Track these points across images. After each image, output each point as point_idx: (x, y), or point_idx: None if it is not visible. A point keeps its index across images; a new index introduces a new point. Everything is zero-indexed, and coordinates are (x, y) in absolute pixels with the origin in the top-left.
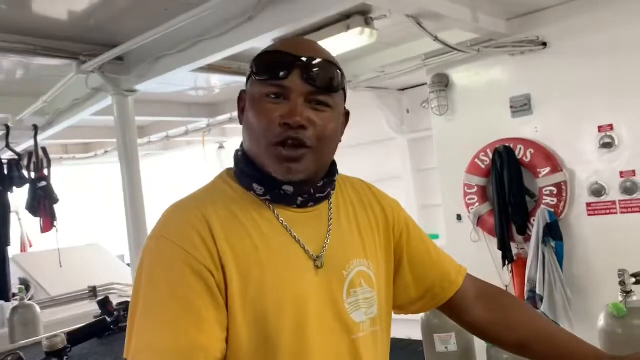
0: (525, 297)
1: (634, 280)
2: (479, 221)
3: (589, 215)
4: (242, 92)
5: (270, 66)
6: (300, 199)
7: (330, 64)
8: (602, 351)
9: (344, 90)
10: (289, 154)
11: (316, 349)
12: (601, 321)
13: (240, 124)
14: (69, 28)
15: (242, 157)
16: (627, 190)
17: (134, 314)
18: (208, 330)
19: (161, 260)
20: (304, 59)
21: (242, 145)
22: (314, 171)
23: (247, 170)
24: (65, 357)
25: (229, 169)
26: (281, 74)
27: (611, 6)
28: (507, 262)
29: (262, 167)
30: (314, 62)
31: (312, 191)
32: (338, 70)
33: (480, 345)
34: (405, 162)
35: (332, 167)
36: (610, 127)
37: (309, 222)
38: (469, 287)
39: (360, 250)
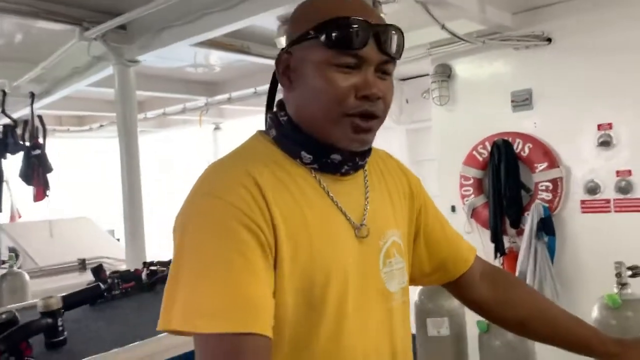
0: None
1: (630, 273)
2: (473, 213)
3: (583, 212)
4: (285, 52)
5: (345, 35)
6: (346, 167)
7: (400, 31)
8: (603, 333)
9: None
10: (366, 125)
11: (357, 317)
12: (595, 312)
13: (284, 88)
14: None
15: (287, 123)
16: (622, 189)
17: (176, 278)
18: (266, 288)
19: (209, 219)
20: (379, 26)
21: (281, 108)
22: None
23: (294, 136)
24: (59, 319)
25: (261, 132)
26: (359, 43)
27: (617, 7)
28: (499, 255)
29: (320, 137)
30: (388, 30)
31: (356, 159)
32: (403, 36)
33: (472, 332)
34: (402, 152)
35: None
36: (610, 125)
37: (348, 189)
38: (477, 267)
39: (392, 220)
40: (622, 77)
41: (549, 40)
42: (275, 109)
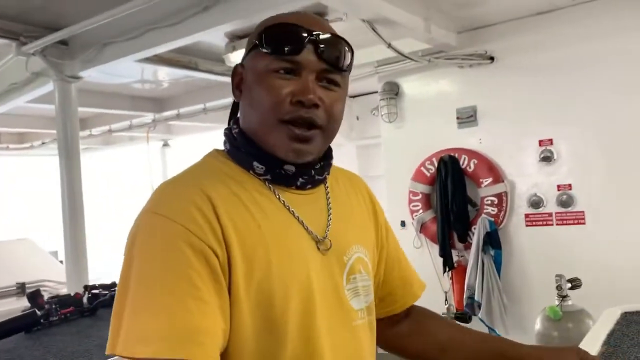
0: (464, 304)
1: (569, 285)
2: (422, 228)
3: (527, 225)
4: (239, 66)
5: (282, 39)
6: (301, 179)
7: (343, 41)
8: (524, 344)
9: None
10: (301, 133)
11: (322, 334)
12: (538, 324)
13: (236, 99)
14: (11, 5)
15: (239, 135)
16: (562, 203)
17: (122, 300)
18: (212, 315)
19: (157, 239)
20: (318, 34)
21: (235, 122)
22: (321, 152)
23: (245, 147)
24: None
25: (217, 150)
26: (294, 48)
27: (556, 28)
28: (447, 269)
29: (263, 146)
30: (329, 38)
31: (312, 172)
32: (350, 49)
33: None
34: (352, 168)
35: (328, 151)
36: (550, 141)
37: (308, 204)
38: (418, 308)
39: (358, 237)
40: (562, 95)
41: (492, 59)
42: (230, 124)
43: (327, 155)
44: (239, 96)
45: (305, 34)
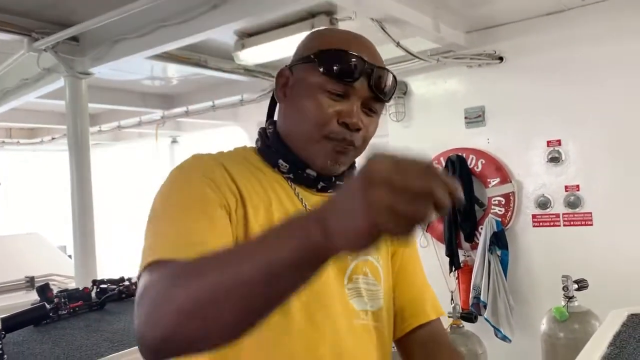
0: (470, 304)
1: (576, 286)
2: (429, 227)
3: (534, 226)
4: (286, 70)
5: (342, 67)
6: (321, 183)
7: (393, 76)
8: None
9: None
10: (342, 150)
11: (322, 326)
12: (544, 325)
13: (278, 101)
14: (23, 2)
15: (273, 135)
16: (570, 204)
17: (148, 224)
18: (220, 233)
19: (178, 182)
20: (374, 66)
21: (271, 123)
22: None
23: (276, 146)
24: None
25: (247, 146)
26: (350, 77)
27: (565, 28)
28: (453, 269)
29: (298, 151)
30: (381, 72)
31: (332, 178)
32: (395, 81)
33: None
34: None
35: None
36: (559, 142)
37: None
38: (429, 331)
39: None
40: (570, 96)
41: (501, 59)
42: (266, 124)
43: (351, 165)
44: (282, 99)
45: (362, 66)
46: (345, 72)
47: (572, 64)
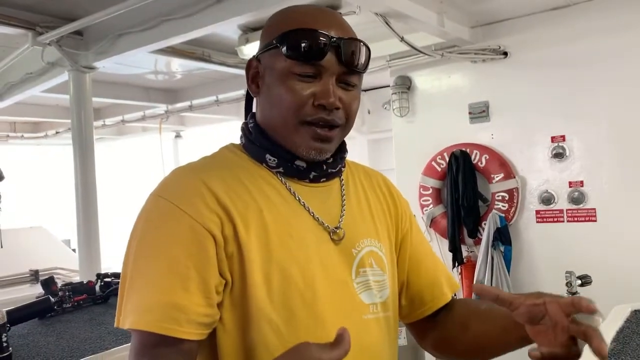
0: (473, 299)
1: (579, 282)
2: (432, 222)
3: (538, 222)
4: (254, 60)
5: (305, 46)
6: (313, 173)
7: (363, 44)
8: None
9: None
10: (324, 133)
11: (329, 324)
12: None
13: (252, 94)
14: None
15: (255, 129)
16: (574, 200)
17: (124, 279)
18: (194, 292)
19: (155, 220)
20: (340, 39)
21: (251, 117)
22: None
23: (259, 141)
24: (4, 335)
25: (233, 143)
26: (316, 55)
27: (570, 23)
28: (457, 264)
29: (283, 143)
30: (349, 42)
31: (324, 167)
32: (368, 50)
33: None
34: (363, 162)
35: (342, 145)
36: (563, 138)
37: (320, 195)
38: (451, 307)
39: (372, 231)
40: (575, 92)
41: (505, 54)
42: (247, 119)
43: (341, 148)
44: (255, 91)
45: (327, 41)
46: (310, 53)
47: (576, 59)
